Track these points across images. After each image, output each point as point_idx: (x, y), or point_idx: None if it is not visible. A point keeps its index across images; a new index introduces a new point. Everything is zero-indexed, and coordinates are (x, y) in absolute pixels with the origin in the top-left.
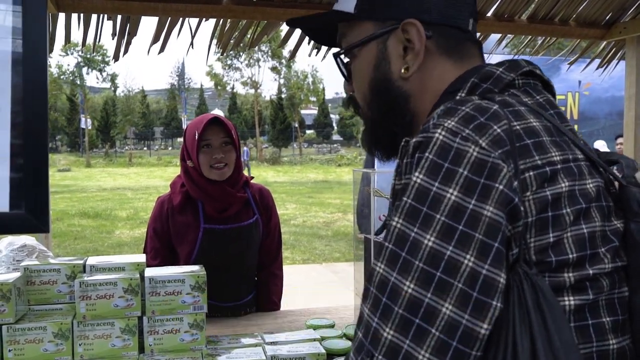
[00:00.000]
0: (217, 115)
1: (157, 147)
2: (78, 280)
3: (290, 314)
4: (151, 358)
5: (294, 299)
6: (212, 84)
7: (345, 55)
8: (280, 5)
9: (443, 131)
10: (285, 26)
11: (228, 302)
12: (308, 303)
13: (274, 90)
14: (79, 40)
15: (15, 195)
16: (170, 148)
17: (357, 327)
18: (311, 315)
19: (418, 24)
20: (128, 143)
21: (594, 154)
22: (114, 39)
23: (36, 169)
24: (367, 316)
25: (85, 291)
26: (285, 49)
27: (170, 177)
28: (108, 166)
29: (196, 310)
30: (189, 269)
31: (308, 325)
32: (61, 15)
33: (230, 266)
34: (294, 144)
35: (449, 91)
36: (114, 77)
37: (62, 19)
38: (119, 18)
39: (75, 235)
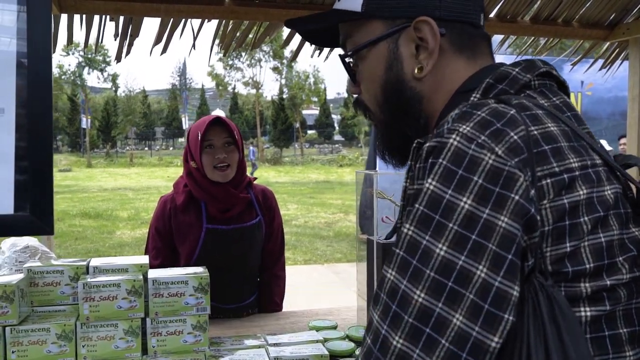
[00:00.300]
0: (220, 116)
1: (158, 148)
2: (81, 281)
3: (293, 315)
4: (154, 359)
5: (295, 300)
6: (214, 84)
7: (352, 57)
8: (282, 6)
9: (458, 137)
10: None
11: (230, 304)
12: (309, 304)
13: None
14: (80, 41)
15: (19, 197)
16: (171, 148)
17: (366, 333)
18: (313, 316)
19: (431, 21)
20: (129, 143)
21: (611, 157)
22: (116, 40)
23: (40, 171)
24: (377, 323)
25: (89, 292)
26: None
27: (172, 178)
28: (109, 166)
29: (199, 311)
30: (192, 271)
31: (311, 327)
32: (63, 16)
33: (233, 267)
34: (296, 145)
35: (462, 91)
36: (115, 77)
37: (65, 20)
38: (122, 19)
39: (76, 235)
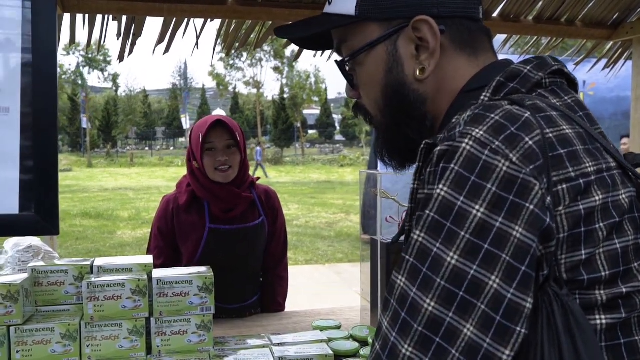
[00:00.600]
0: (221, 117)
1: (159, 147)
2: (86, 281)
3: (295, 315)
4: (159, 359)
5: (296, 300)
6: (214, 84)
7: (350, 62)
8: (285, 5)
9: (471, 141)
10: None
11: (233, 304)
12: (311, 304)
13: (276, 90)
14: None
15: (25, 197)
16: (172, 148)
17: (375, 338)
18: (316, 316)
19: (430, 20)
20: (129, 143)
21: (623, 159)
22: (119, 40)
23: (46, 171)
24: (386, 329)
25: (93, 292)
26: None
27: (172, 178)
28: (109, 166)
29: (204, 311)
30: (196, 270)
31: (314, 327)
32: (66, 16)
33: (235, 267)
34: (296, 144)
35: (467, 89)
36: (115, 77)
37: (67, 20)
38: (124, 19)
39: (77, 235)
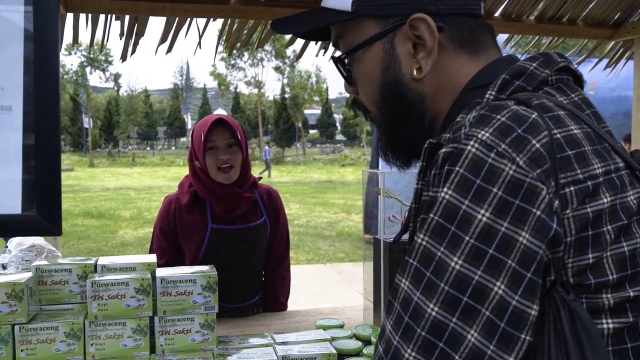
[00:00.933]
0: (222, 116)
1: (160, 147)
2: (90, 280)
3: (297, 314)
4: (162, 358)
5: (298, 299)
6: (216, 84)
7: (346, 59)
8: (288, 5)
9: (476, 143)
10: None
11: (235, 304)
12: (313, 303)
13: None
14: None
15: (27, 197)
16: (173, 148)
17: (378, 341)
18: (318, 315)
19: (428, 18)
20: (131, 143)
21: (630, 158)
22: (121, 39)
23: (48, 171)
24: (389, 332)
25: (97, 291)
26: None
27: (174, 177)
28: (111, 166)
29: (207, 310)
30: (200, 269)
31: (317, 326)
32: (69, 16)
33: (238, 267)
34: (297, 144)
35: (471, 87)
36: (117, 77)
37: (70, 19)
38: (127, 18)
39: (79, 235)
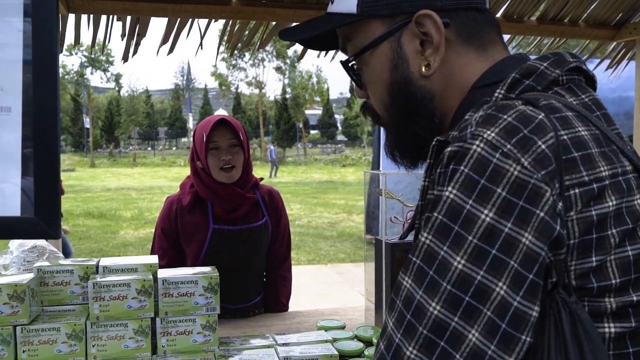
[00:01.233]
0: (224, 116)
1: (161, 147)
2: (91, 281)
3: (299, 315)
4: (164, 359)
5: (299, 300)
6: (217, 84)
7: (354, 61)
8: (289, 6)
9: (482, 143)
10: None
11: (237, 304)
12: (314, 304)
13: (279, 90)
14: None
15: (26, 199)
16: (174, 148)
17: (380, 338)
18: (319, 316)
19: (433, 14)
20: (132, 143)
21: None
22: (123, 40)
23: (47, 173)
24: (391, 330)
25: (99, 292)
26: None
27: (175, 178)
28: (112, 166)
29: (209, 311)
30: (202, 270)
31: (319, 327)
32: (71, 17)
33: (239, 268)
34: (298, 144)
35: (480, 85)
36: (118, 77)
37: (72, 20)
38: (129, 19)
39: (80, 235)
